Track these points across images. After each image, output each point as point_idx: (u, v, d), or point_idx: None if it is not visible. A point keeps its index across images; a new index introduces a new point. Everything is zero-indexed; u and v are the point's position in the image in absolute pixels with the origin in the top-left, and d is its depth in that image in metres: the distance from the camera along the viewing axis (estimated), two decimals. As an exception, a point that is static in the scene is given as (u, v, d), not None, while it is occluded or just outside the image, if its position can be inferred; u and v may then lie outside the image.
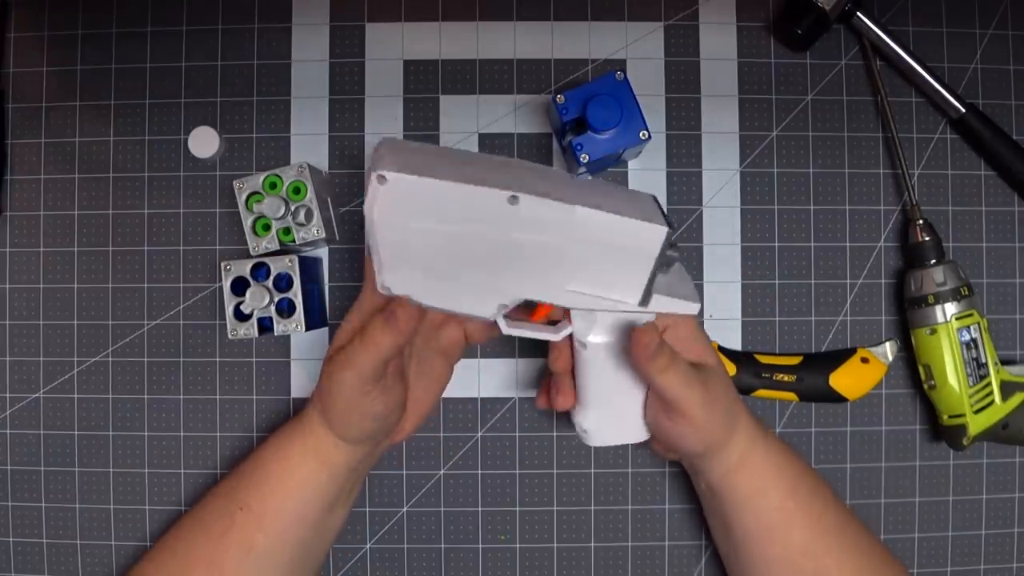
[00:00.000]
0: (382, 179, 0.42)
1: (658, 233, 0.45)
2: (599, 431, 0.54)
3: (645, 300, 0.48)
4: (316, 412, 0.52)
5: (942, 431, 0.60)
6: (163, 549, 0.54)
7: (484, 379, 0.62)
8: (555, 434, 0.62)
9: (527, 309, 0.51)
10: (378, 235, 0.44)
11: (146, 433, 0.62)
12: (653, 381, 0.49)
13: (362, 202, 0.62)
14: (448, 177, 0.43)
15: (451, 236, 0.44)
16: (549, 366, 0.53)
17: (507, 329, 0.50)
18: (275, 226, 0.55)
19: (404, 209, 0.43)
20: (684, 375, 0.49)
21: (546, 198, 0.43)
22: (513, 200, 0.43)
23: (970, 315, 0.58)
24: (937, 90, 0.61)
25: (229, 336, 0.55)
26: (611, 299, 0.48)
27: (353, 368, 0.47)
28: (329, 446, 0.52)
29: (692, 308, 0.50)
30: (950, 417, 0.59)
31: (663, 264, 0.48)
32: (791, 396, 0.61)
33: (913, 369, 0.61)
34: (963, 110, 0.61)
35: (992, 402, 0.58)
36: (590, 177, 0.62)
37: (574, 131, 0.57)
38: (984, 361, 0.58)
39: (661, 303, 0.49)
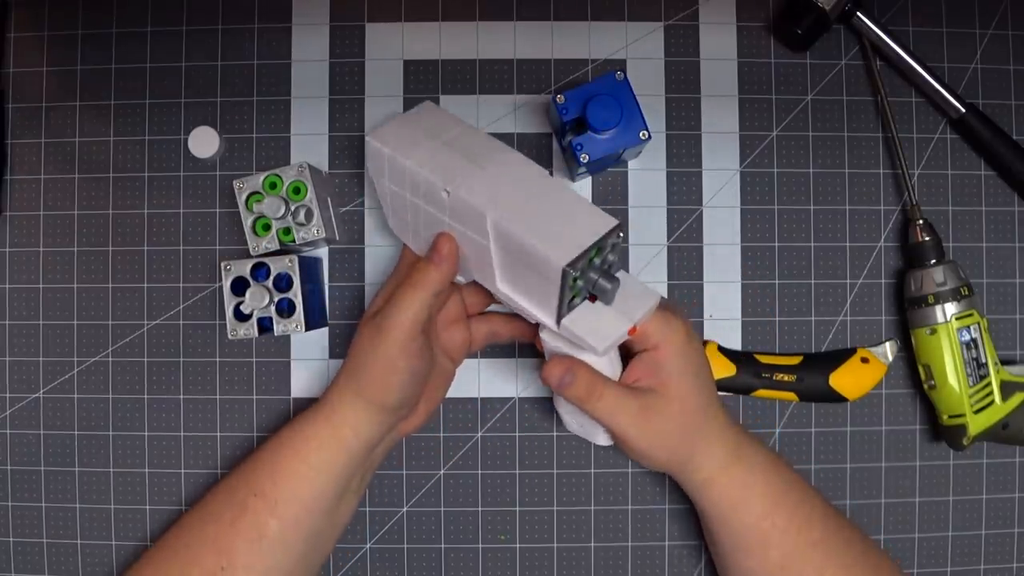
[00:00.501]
0: (367, 142, 0.51)
1: (555, 262, 0.44)
2: (567, 421, 0.56)
3: (558, 323, 0.48)
4: (339, 391, 0.52)
5: (942, 431, 0.60)
6: (165, 547, 0.54)
7: (484, 379, 0.62)
8: (555, 434, 0.62)
9: None
10: (375, 184, 0.54)
11: (146, 433, 0.62)
12: (578, 408, 0.51)
13: (362, 202, 0.62)
14: (407, 155, 0.49)
15: (410, 202, 0.51)
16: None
17: (501, 285, 0.51)
18: (275, 226, 0.55)
19: (379, 168, 0.52)
20: (612, 404, 0.49)
21: (468, 200, 0.47)
22: (447, 192, 0.48)
23: (970, 315, 0.58)
24: (937, 90, 0.61)
25: (229, 336, 0.55)
26: (531, 311, 0.49)
27: (407, 311, 0.49)
28: (351, 424, 0.52)
29: (594, 348, 0.47)
30: (950, 417, 0.59)
31: (579, 294, 0.47)
32: (791, 396, 0.61)
33: (913, 369, 0.61)
34: (963, 110, 0.61)
35: (992, 402, 0.58)
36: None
37: (574, 131, 0.57)
38: (984, 361, 0.58)
39: (568, 331, 0.48)
